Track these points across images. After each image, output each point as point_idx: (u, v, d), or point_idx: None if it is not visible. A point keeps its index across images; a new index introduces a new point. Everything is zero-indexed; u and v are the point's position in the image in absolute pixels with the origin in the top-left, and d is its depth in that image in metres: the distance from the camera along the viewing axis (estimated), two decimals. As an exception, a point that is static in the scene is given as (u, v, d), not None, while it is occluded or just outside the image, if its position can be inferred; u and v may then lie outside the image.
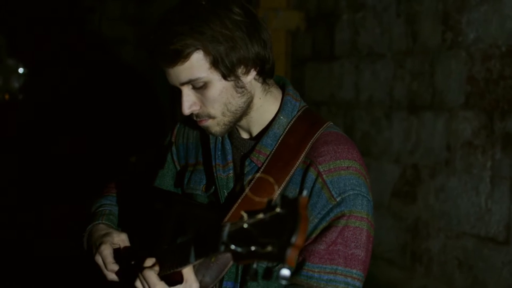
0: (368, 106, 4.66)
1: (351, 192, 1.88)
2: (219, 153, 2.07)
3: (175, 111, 7.05)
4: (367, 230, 1.89)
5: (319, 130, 1.96)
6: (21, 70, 9.22)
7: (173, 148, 2.28)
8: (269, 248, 1.33)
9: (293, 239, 1.29)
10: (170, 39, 1.82)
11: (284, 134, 1.98)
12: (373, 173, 4.52)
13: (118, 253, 2.07)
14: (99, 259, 2.05)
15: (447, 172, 3.93)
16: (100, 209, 2.27)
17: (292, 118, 2.00)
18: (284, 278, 1.35)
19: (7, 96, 9.20)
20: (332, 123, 2.01)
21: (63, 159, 8.21)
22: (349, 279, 1.85)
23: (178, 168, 2.27)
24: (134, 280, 1.91)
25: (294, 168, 1.92)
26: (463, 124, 3.82)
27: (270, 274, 1.37)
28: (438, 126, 4.01)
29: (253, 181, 1.92)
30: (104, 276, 2.07)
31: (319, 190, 1.87)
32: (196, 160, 2.18)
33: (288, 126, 1.99)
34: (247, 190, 1.90)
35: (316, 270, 1.85)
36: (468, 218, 3.79)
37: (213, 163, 2.07)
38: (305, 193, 1.35)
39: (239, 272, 1.95)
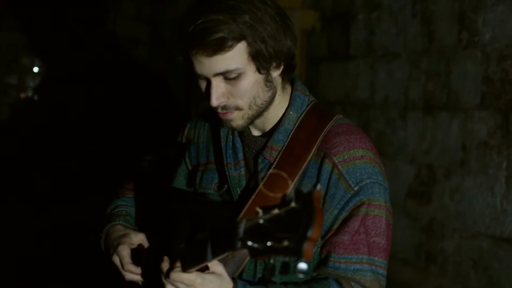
0: (383, 106, 4.66)
1: (368, 181, 1.91)
2: (230, 151, 2.08)
3: (191, 110, 7.05)
4: (386, 218, 1.91)
5: (330, 123, 1.98)
6: (36, 69, 9.26)
7: None
8: (286, 243, 1.35)
9: (309, 233, 1.31)
10: (215, 28, 1.80)
11: (294, 129, 2.00)
12: (388, 173, 4.48)
13: (136, 254, 2.07)
14: (116, 260, 2.06)
15: (462, 172, 3.93)
16: (117, 210, 2.28)
17: (302, 113, 2.02)
18: (302, 271, 1.36)
19: (22, 95, 9.23)
20: (341, 116, 2.03)
21: (78, 159, 8.24)
22: (373, 267, 1.88)
23: (190, 168, 2.28)
24: (154, 280, 1.92)
25: (307, 162, 1.93)
26: (479, 124, 3.81)
27: (288, 268, 1.39)
28: (454, 127, 4.00)
29: (266, 177, 1.93)
30: (121, 277, 2.07)
31: (336, 181, 1.90)
32: (207, 159, 2.19)
33: (298, 121, 2.01)
34: (260, 185, 1.91)
35: (343, 261, 1.87)
36: (483, 219, 3.78)
37: (225, 162, 2.08)
38: (319, 187, 1.36)
39: (257, 268, 1.96)
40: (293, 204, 1.36)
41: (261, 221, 1.43)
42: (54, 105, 8.65)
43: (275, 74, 1.94)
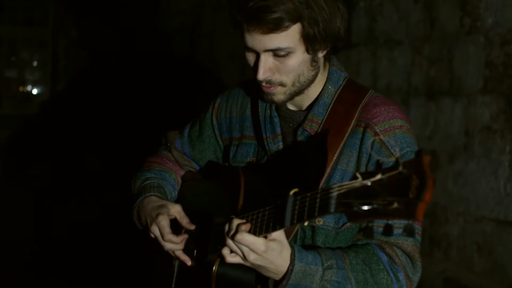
0: (386, 93, 4.66)
1: (408, 149, 1.98)
2: (269, 126, 2.13)
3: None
4: None
5: (366, 96, 2.07)
6: (35, 63, 9.27)
7: (215, 123, 2.32)
8: (396, 205, 1.39)
9: (423, 195, 1.35)
10: (274, 7, 1.85)
11: (332, 102, 2.07)
12: (391, 160, 4.52)
13: (174, 224, 2.11)
14: (156, 230, 2.10)
15: (466, 157, 3.95)
16: (148, 182, 2.30)
17: (339, 88, 2.09)
18: (410, 232, 1.43)
19: (21, 89, 9.25)
20: (374, 90, 2.11)
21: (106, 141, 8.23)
22: None
23: (220, 142, 2.32)
24: (193, 251, 2.00)
25: (347, 133, 2.00)
26: (482, 109, 3.83)
27: (391, 230, 1.44)
28: (457, 112, 4.02)
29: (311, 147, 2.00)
30: (160, 247, 2.11)
31: (378, 149, 1.97)
32: (241, 133, 2.24)
33: (336, 95, 2.08)
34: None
35: (384, 225, 1.91)
36: (487, 203, 3.80)
37: (264, 136, 2.13)
38: (427, 151, 1.40)
39: (298, 238, 2.02)
40: (400, 169, 1.40)
41: (362, 185, 1.46)
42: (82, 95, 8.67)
43: (321, 54, 2.02)
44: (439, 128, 4.17)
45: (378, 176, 1.43)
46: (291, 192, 1.68)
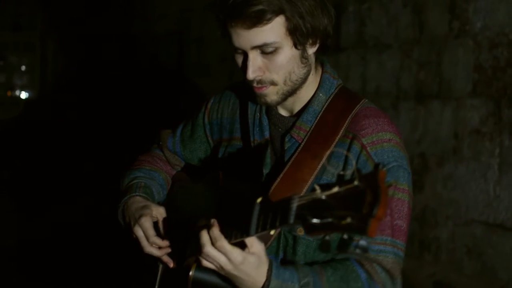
0: (375, 97, 4.68)
1: (394, 164, 1.93)
2: (257, 129, 2.10)
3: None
4: (408, 202, 1.94)
5: (357, 106, 2.01)
6: (23, 68, 9.26)
7: (207, 123, 2.31)
8: (349, 220, 1.36)
9: (375, 211, 1.32)
10: (254, 0, 1.84)
11: (322, 111, 2.02)
12: (380, 163, 4.53)
13: (157, 226, 2.10)
14: (139, 231, 2.07)
15: (455, 160, 3.96)
16: (135, 181, 2.28)
17: (330, 96, 2.04)
18: (363, 248, 1.40)
19: (9, 93, 9.25)
20: (367, 100, 2.06)
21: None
22: (395, 249, 1.90)
23: (211, 143, 2.30)
24: (175, 255, 1.98)
25: (334, 143, 1.96)
26: (471, 112, 3.84)
27: (346, 245, 1.41)
28: (446, 115, 4.03)
29: (293, 157, 1.96)
30: (141, 248, 2.09)
31: (364, 162, 1.92)
32: (231, 135, 2.22)
33: (326, 103, 2.03)
34: (287, 166, 1.94)
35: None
36: (476, 205, 3.81)
37: (251, 139, 2.11)
38: (381, 166, 1.38)
39: (280, 246, 1.99)
40: (356, 183, 1.37)
41: (319, 197, 1.43)
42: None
43: (311, 51, 1.97)
44: (429, 132, 4.18)
45: (335, 189, 1.41)
46: (258, 201, 1.67)
